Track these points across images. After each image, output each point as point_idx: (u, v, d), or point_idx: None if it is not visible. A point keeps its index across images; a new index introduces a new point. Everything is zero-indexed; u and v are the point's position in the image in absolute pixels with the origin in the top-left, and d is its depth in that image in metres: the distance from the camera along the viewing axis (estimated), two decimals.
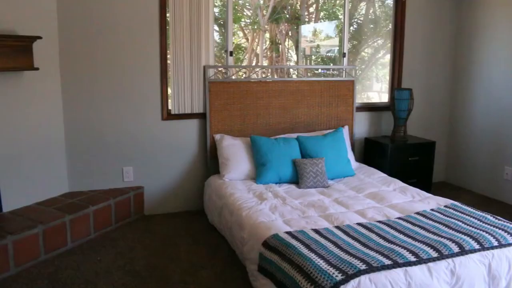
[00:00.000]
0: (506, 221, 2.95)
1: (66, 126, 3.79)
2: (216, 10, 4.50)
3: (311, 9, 5.38)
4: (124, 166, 4.00)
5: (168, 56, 3.98)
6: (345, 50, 4.69)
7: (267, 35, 5.22)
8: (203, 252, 3.40)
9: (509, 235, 2.72)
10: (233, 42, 4.39)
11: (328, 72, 4.84)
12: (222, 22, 4.48)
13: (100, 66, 3.80)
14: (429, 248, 2.50)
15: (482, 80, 4.80)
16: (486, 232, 2.71)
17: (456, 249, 2.52)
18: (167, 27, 3.93)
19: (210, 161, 4.13)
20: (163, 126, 4.06)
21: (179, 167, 4.16)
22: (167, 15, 3.91)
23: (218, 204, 3.60)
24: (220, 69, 4.19)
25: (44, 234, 3.20)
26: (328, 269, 2.24)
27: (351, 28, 5.11)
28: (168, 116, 4.06)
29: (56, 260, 3.23)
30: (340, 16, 4.77)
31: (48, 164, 3.68)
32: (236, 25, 4.99)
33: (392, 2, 4.85)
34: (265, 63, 5.26)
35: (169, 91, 4.06)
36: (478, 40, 4.83)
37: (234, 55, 4.30)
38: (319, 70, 4.93)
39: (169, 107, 4.07)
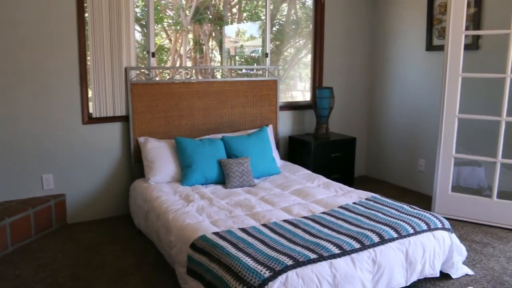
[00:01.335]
0: (421, 210, 3.16)
1: None
2: (137, 10, 4.41)
3: (234, 10, 5.42)
4: (43, 174, 3.82)
5: (88, 57, 3.85)
6: (268, 51, 4.78)
7: (191, 35, 5.19)
8: (130, 257, 3.33)
9: (423, 222, 2.92)
10: (156, 43, 4.32)
11: (252, 72, 4.90)
12: (144, 23, 4.40)
13: (13, 69, 3.58)
14: (352, 240, 2.62)
15: (397, 78, 5.09)
16: (403, 221, 2.89)
17: (376, 239, 2.66)
18: (86, 27, 3.79)
19: (134, 165, 4.05)
20: (84, 130, 3.92)
21: (102, 172, 4.03)
22: (86, 15, 3.78)
23: (144, 208, 3.54)
24: (142, 70, 4.11)
25: None
26: (256, 267, 2.28)
27: (274, 28, 5.21)
28: (89, 120, 3.92)
29: None
30: (263, 17, 4.85)
31: None
32: (159, 25, 4.92)
33: (312, 3, 5.01)
34: (189, 64, 5.22)
35: (90, 94, 3.92)
36: (392, 39, 5.11)
37: (157, 56, 4.23)
38: (243, 70, 4.98)
39: (90, 111, 3.94)
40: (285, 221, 2.92)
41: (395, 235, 2.74)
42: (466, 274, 3.07)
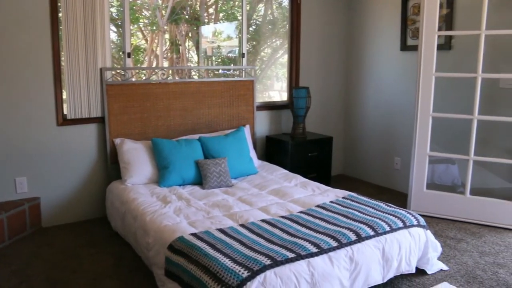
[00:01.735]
0: (397, 207, 3.21)
1: None
2: (113, 10, 4.36)
3: (211, 10, 5.40)
4: (17, 177, 3.74)
5: (62, 58, 3.79)
6: (244, 51, 4.79)
7: (167, 36, 5.16)
8: (107, 260, 3.29)
9: (399, 220, 2.96)
10: (132, 43, 4.28)
11: (228, 72, 4.90)
12: (119, 23, 4.35)
13: None
14: (329, 238, 2.64)
15: (372, 78, 5.16)
16: (379, 219, 2.93)
17: (353, 237, 2.69)
18: (60, 27, 3.73)
19: (111, 167, 4.00)
20: (58, 132, 3.85)
21: (78, 174, 3.98)
22: (59, 14, 3.72)
23: (121, 210, 3.50)
24: (118, 71, 4.07)
25: None
26: (234, 267, 2.28)
27: (250, 29, 5.22)
28: (64, 121, 3.86)
29: None
30: (239, 17, 4.85)
31: None
32: (135, 26, 4.88)
33: (288, 4, 5.03)
34: (166, 64, 5.19)
35: (64, 95, 3.86)
36: (367, 39, 5.17)
37: (133, 56, 4.20)
38: (220, 71, 4.97)
39: (65, 112, 3.88)
40: (263, 221, 2.93)
41: (372, 233, 2.78)
42: (441, 270, 3.13)
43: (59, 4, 3.70)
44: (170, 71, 4.59)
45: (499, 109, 3.99)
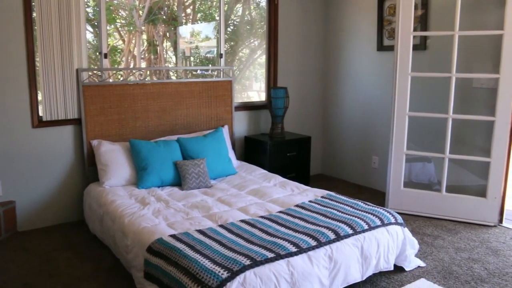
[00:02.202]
0: (375, 205, 3.25)
1: None
2: (89, 10, 4.30)
3: (188, 11, 5.38)
4: None
5: (37, 59, 3.73)
6: (222, 51, 4.79)
7: (144, 36, 5.12)
8: (85, 264, 3.25)
9: (377, 218, 3.00)
10: (109, 44, 4.24)
11: (207, 73, 4.89)
12: (96, 23, 4.30)
13: None
14: (309, 237, 2.66)
15: (350, 78, 5.21)
16: (358, 218, 2.96)
17: (332, 236, 2.71)
18: (35, 27, 3.67)
19: (88, 169, 3.95)
20: (34, 134, 3.79)
21: (54, 177, 3.92)
22: (34, 14, 3.66)
23: (99, 212, 3.46)
24: (95, 72, 4.02)
25: None
26: (213, 268, 2.28)
27: (228, 29, 5.22)
28: (40, 123, 3.80)
29: None
30: (217, 18, 4.85)
31: None
32: (111, 26, 4.82)
33: (266, 4, 5.05)
34: (143, 65, 5.15)
35: (40, 96, 3.80)
36: (344, 39, 5.22)
37: (110, 57, 4.15)
38: (198, 71, 4.96)
39: (40, 114, 3.82)
40: (242, 221, 2.94)
41: (350, 232, 2.80)
42: (418, 266, 3.18)
43: (33, 3, 3.63)
44: (148, 72, 4.56)
45: (473, 108, 4.07)
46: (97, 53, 4.18)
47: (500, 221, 3.98)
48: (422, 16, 4.32)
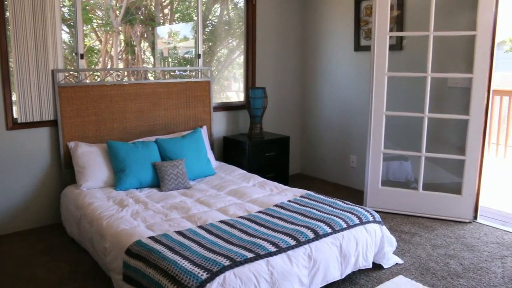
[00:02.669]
0: (353, 204, 3.29)
1: None
2: (64, 10, 4.24)
3: (166, 11, 5.35)
4: None
5: (11, 59, 3.66)
6: (200, 51, 4.77)
7: (122, 37, 5.07)
8: (63, 268, 3.20)
9: (355, 216, 3.03)
10: (86, 44, 4.19)
11: (185, 73, 4.87)
12: (72, 23, 4.24)
13: None
14: (288, 237, 2.67)
15: (328, 78, 5.25)
16: (336, 216, 2.99)
17: (311, 235, 2.73)
18: (8, 27, 3.60)
19: (65, 171, 3.90)
20: (8, 136, 3.71)
21: (30, 179, 3.85)
22: (7, 14, 3.59)
23: (76, 215, 3.42)
24: (71, 73, 3.97)
25: None
26: (193, 270, 2.27)
27: (206, 29, 5.20)
28: (14, 125, 3.72)
29: None
30: (195, 18, 4.83)
31: None
32: (88, 26, 4.77)
33: (244, 4, 5.05)
34: (121, 65, 5.10)
35: (14, 97, 3.73)
36: (322, 40, 5.26)
37: (87, 57, 4.10)
38: (176, 72, 4.93)
39: (15, 115, 3.75)
40: (221, 221, 2.94)
41: (329, 230, 2.83)
42: (396, 263, 3.23)
43: (5, 2, 3.56)
44: (125, 73, 4.52)
45: (448, 107, 4.15)
46: (74, 54, 4.12)
47: (475, 217, 4.06)
48: (398, 17, 4.39)
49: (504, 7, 3.83)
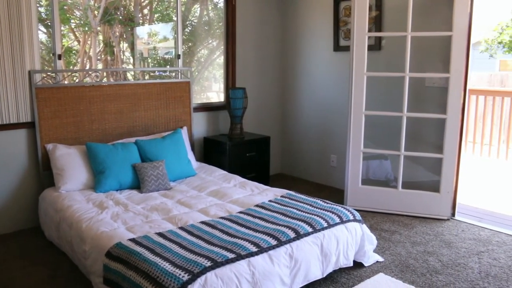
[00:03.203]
0: (333, 203, 3.31)
1: None
2: (41, 9, 4.18)
3: (145, 11, 5.31)
4: None
5: None
6: (180, 52, 4.75)
7: (100, 37, 5.01)
8: (42, 272, 3.15)
9: (336, 215, 3.06)
10: (64, 45, 4.13)
11: (165, 74, 4.84)
12: (49, 23, 4.18)
13: None
14: (269, 237, 2.68)
15: (308, 78, 5.27)
16: (317, 216, 3.01)
17: (292, 234, 2.75)
18: None
19: (43, 173, 3.84)
20: None
21: (7, 183, 3.78)
22: None
23: (55, 218, 3.37)
24: (48, 74, 3.91)
25: None
26: (174, 271, 2.26)
27: (186, 30, 5.18)
28: None
29: None
30: (174, 18, 4.81)
31: None
32: (66, 26, 4.70)
33: (223, 5, 5.04)
34: (100, 66, 5.04)
35: None
36: (302, 40, 5.29)
37: (65, 58, 4.05)
38: (156, 73, 4.90)
39: None
40: (202, 222, 2.93)
41: (310, 230, 2.85)
42: (377, 261, 3.26)
43: None
44: (105, 73, 4.47)
45: (426, 106, 4.22)
46: (51, 54, 4.06)
47: (453, 214, 4.14)
48: (377, 18, 4.44)
49: (478, 9, 3.91)
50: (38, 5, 3.95)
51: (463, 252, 3.42)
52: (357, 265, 3.18)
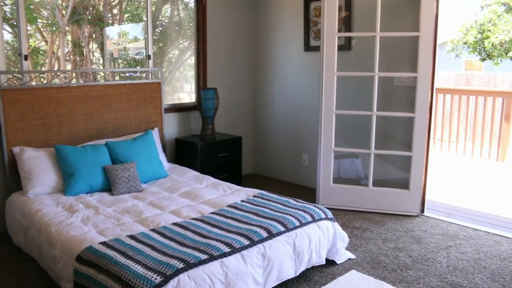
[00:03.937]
0: (305, 202, 3.34)
1: None
2: (6, 8, 4.07)
3: (115, 11, 5.23)
4: None
5: None
6: (150, 52, 4.71)
7: (69, 37, 4.92)
8: (9, 279, 3.07)
9: (308, 214, 3.08)
10: (30, 45, 4.04)
11: (135, 75, 4.79)
12: (15, 23, 4.07)
13: None
14: (242, 237, 2.68)
15: (279, 78, 5.30)
16: (289, 215, 3.03)
17: (265, 234, 2.76)
18: None
19: (10, 177, 3.74)
20: None
21: None
22: None
23: (23, 223, 3.29)
24: (14, 75, 3.81)
25: None
26: (146, 274, 2.24)
27: (157, 30, 5.14)
28: None
29: None
30: (145, 18, 4.76)
31: None
32: (33, 26, 4.59)
33: (194, 5, 5.02)
34: (68, 67, 4.95)
35: None
36: (273, 40, 5.31)
37: (32, 59, 3.96)
38: (126, 73, 4.84)
39: None
40: (174, 224, 2.91)
41: (282, 229, 2.86)
42: (349, 259, 3.31)
43: None
44: (73, 74, 4.39)
45: (395, 105, 4.30)
46: (17, 55, 3.97)
47: (422, 211, 4.23)
48: (346, 18, 4.49)
49: (444, 10, 4.01)
50: (2, 3, 3.85)
51: (432, 247, 3.50)
52: (330, 263, 3.22)
